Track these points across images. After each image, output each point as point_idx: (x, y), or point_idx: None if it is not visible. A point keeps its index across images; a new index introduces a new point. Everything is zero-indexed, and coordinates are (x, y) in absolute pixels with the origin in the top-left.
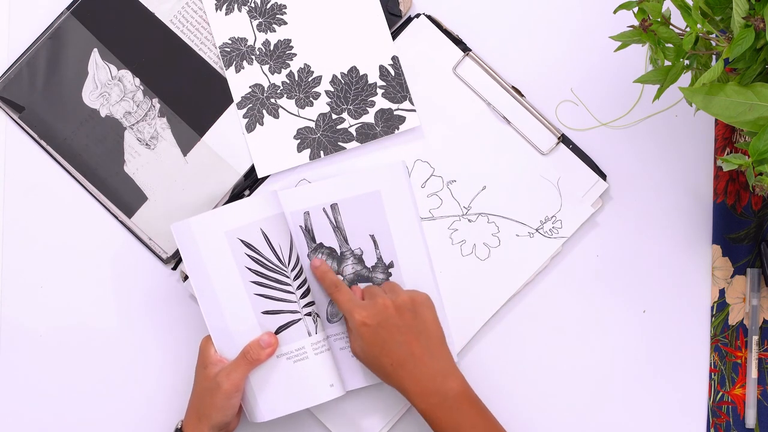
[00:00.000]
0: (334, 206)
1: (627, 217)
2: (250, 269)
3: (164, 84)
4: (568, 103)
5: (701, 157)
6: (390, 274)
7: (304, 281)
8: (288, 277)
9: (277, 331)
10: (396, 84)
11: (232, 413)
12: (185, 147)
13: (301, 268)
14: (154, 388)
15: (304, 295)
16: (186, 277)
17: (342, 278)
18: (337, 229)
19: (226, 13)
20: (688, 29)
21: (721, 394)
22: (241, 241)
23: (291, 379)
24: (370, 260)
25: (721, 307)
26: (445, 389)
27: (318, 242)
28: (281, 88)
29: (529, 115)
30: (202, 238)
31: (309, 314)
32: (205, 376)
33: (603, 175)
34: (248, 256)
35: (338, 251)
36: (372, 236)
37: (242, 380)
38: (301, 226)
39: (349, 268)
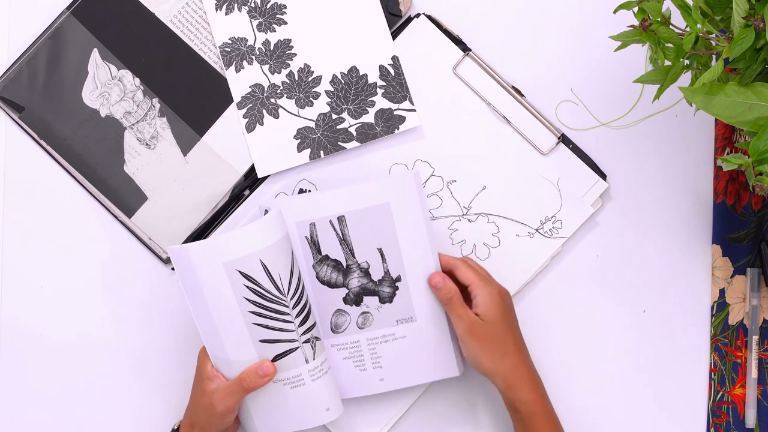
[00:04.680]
0: (341, 218)
1: (627, 217)
2: (248, 300)
3: (164, 84)
4: (568, 103)
5: (701, 157)
6: (397, 288)
7: (305, 305)
8: (287, 306)
9: (275, 359)
10: (396, 84)
11: (226, 427)
12: (185, 147)
13: (303, 290)
14: (153, 388)
15: (302, 323)
16: None
17: (347, 291)
18: (344, 242)
19: (226, 13)
20: (688, 29)
21: (721, 394)
22: (240, 272)
23: (287, 404)
24: (376, 273)
25: (721, 307)
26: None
27: (324, 254)
28: (281, 88)
29: (529, 115)
30: (200, 267)
31: (307, 341)
32: (202, 390)
33: (603, 175)
34: (247, 287)
35: (344, 264)
36: (380, 249)
37: (237, 404)
38: (306, 237)
39: (355, 281)
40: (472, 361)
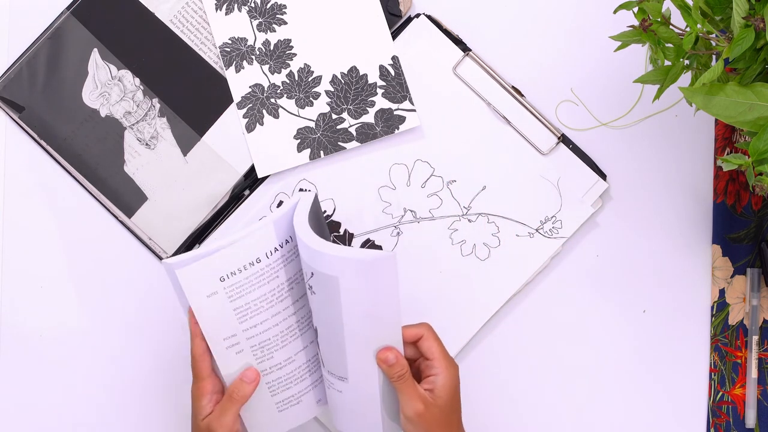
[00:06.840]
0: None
1: (627, 217)
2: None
3: (164, 84)
4: (568, 103)
5: (701, 157)
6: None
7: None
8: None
9: None
10: (396, 84)
11: None
12: (185, 147)
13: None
14: (154, 389)
15: None
16: None
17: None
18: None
19: (226, 13)
20: (688, 29)
21: (721, 394)
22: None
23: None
24: None
25: (721, 307)
26: None
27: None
28: (281, 88)
29: (529, 115)
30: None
31: None
32: (197, 426)
33: (603, 175)
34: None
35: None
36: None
37: (235, 420)
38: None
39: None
40: None
